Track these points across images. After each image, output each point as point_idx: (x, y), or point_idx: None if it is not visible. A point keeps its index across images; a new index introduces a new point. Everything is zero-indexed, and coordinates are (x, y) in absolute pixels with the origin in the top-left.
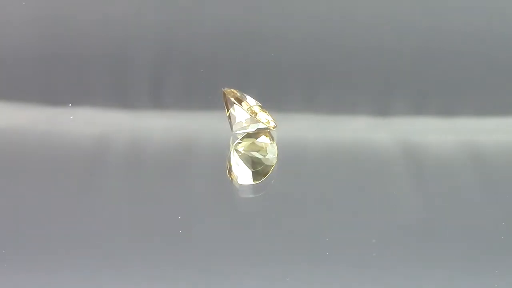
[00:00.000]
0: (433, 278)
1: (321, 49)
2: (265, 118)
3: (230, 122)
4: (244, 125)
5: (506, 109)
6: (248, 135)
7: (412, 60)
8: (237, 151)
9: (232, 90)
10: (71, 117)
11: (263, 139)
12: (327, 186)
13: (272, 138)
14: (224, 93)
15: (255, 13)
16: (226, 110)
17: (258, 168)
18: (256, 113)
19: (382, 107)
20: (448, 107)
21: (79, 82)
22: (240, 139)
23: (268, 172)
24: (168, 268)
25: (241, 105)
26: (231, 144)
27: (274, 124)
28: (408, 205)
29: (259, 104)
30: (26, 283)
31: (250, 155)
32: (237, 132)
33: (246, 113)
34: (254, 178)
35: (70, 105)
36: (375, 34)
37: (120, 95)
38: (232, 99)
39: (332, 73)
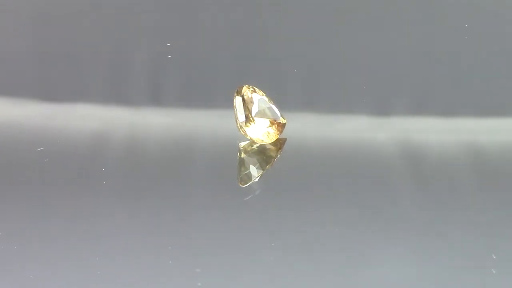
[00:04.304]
0: (432, 277)
1: (322, 48)
2: (256, 134)
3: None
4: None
5: (507, 110)
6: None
7: (413, 60)
8: (239, 151)
9: (249, 89)
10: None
11: (267, 149)
12: (327, 185)
13: (277, 150)
14: (237, 92)
15: (256, 10)
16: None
17: (244, 172)
18: (248, 126)
19: (383, 107)
20: (449, 107)
21: (78, 77)
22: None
23: (248, 182)
24: (168, 266)
25: (243, 111)
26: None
27: (263, 139)
28: (408, 205)
29: (277, 120)
30: (23, 281)
31: (244, 157)
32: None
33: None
34: (241, 181)
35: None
36: (376, 33)
37: (119, 91)
38: (236, 102)
39: (332, 72)
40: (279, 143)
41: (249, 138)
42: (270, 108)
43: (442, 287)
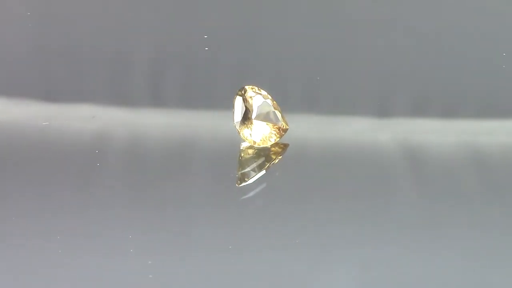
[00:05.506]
0: (432, 278)
1: (322, 49)
2: (253, 136)
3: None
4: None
5: (507, 111)
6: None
7: (413, 61)
8: (240, 151)
9: (253, 91)
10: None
11: (267, 152)
12: (327, 186)
13: (278, 154)
14: (239, 91)
15: (256, 11)
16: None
17: (241, 173)
18: (245, 127)
19: (384, 108)
20: (449, 108)
21: (78, 78)
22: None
23: (243, 182)
24: (167, 266)
25: (240, 111)
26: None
27: (259, 142)
28: (409, 206)
29: (278, 125)
30: (23, 280)
31: (243, 159)
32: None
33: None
34: (238, 180)
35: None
36: (376, 34)
37: (119, 92)
38: (235, 101)
39: (333, 73)
40: (280, 148)
41: (244, 139)
42: (271, 112)
43: (442, 287)
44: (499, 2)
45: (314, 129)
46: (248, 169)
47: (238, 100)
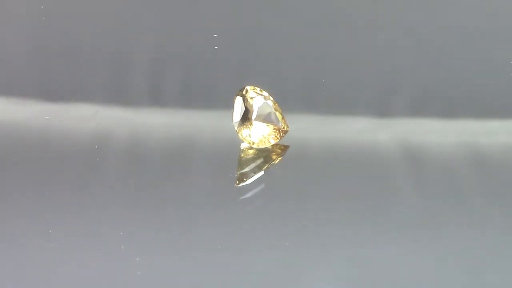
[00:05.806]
0: (433, 278)
1: (322, 49)
2: (252, 137)
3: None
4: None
5: (507, 111)
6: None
7: (413, 61)
8: (240, 152)
9: (254, 91)
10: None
11: (267, 153)
12: (327, 186)
13: (277, 155)
14: (240, 91)
15: (256, 10)
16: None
17: (240, 173)
18: (244, 128)
19: (384, 108)
20: (449, 108)
21: (78, 77)
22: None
23: (242, 182)
24: (167, 266)
25: (240, 111)
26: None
27: (258, 143)
28: (409, 206)
29: (277, 126)
30: (22, 281)
31: (242, 159)
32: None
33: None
34: (236, 180)
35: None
36: (376, 34)
37: (119, 91)
38: (235, 101)
39: (333, 73)
40: (280, 149)
41: (243, 139)
42: (272, 113)
43: (442, 287)
44: (499, 2)
45: (314, 129)
46: (247, 169)
47: (238, 100)
